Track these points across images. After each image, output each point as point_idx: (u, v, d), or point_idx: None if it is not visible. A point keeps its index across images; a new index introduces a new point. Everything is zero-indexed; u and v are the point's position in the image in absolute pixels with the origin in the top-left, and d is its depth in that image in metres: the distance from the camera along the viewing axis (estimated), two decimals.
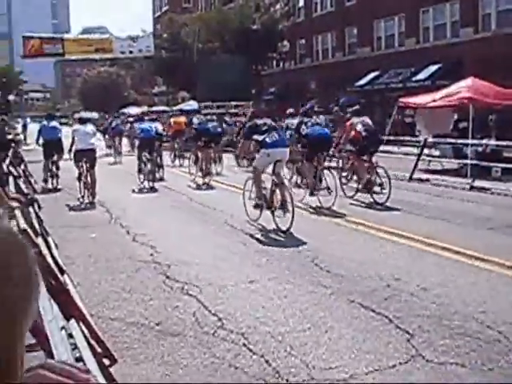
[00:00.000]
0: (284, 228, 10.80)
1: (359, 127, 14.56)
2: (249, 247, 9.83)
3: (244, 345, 5.78)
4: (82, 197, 15.28)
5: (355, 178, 15.17)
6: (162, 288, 7.64)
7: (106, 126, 35.11)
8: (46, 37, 46.70)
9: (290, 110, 20.89)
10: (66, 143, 16.57)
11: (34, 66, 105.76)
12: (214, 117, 25.18)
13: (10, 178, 10.08)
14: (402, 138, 24.02)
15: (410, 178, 18.02)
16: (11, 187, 9.19)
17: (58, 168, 18.30)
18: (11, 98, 70.21)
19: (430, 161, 20.47)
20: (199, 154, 19.47)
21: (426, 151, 19.85)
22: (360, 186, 14.50)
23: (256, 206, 11.61)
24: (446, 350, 5.50)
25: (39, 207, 9.67)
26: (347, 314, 6.56)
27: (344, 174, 16.03)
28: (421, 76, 34.11)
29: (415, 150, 20.29)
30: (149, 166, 18.21)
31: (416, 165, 18.68)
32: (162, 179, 19.77)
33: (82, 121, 17.14)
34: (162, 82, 69.19)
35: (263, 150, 11.61)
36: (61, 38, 45.30)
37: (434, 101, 20.21)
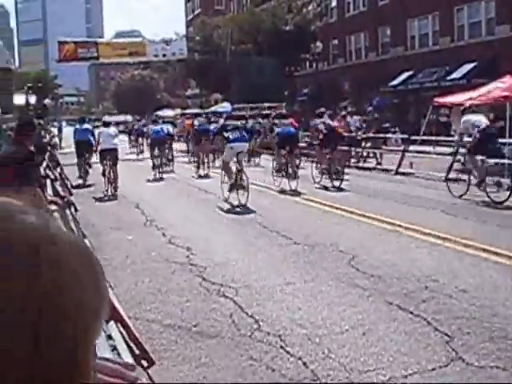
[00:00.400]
0: (243, 202, 14.26)
1: (321, 127, 18.57)
2: (285, 248, 9.80)
3: (281, 347, 5.76)
4: (107, 190, 17.26)
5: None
6: (199, 290, 7.65)
7: (130, 128, 40.21)
8: (81, 41, 47.21)
9: (321, 110, 22.40)
10: None
11: (68, 69, 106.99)
12: (219, 119, 27.49)
13: (48, 181, 10.18)
14: (437, 137, 23.81)
15: (446, 178, 17.80)
16: (49, 190, 9.29)
17: (90, 166, 20.15)
18: (47, 101, 71.09)
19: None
20: (199, 152, 23.23)
21: (461, 151, 19.56)
22: (320, 171, 18.28)
23: (231, 189, 14.81)
24: (486, 353, 5.42)
25: (76, 210, 9.78)
26: (385, 315, 6.50)
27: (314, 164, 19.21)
28: (456, 75, 33.74)
29: (451, 150, 20.02)
30: (158, 160, 22.13)
31: (452, 165, 18.42)
32: (172, 171, 23.62)
33: (106, 124, 20.05)
34: (195, 85, 69.52)
35: (228, 145, 15.25)
36: (95, 42, 45.80)
37: (471, 99, 19.94)
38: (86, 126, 21.01)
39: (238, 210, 13.78)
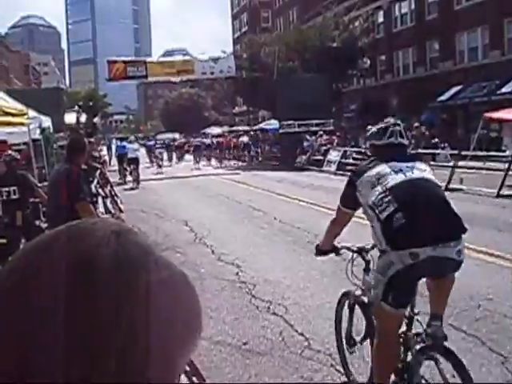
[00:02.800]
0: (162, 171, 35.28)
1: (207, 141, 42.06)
2: (334, 265, 9.72)
3: (332, 365, 5.71)
4: (133, 185, 26.72)
5: None
6: (248, 307, 7.65)
7: (145, 143, 54.10)
8: (130, 60, 47.74)
9: (370, 127, 23.82)
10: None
11: (116, 88, 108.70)
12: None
13: (99, 199, 10.34)
14: (487, 153, 23.46)
15: (498, 195, 17.50)
16: (100, 207, 9.43)
17: (126, 170, 28.82)
18: (96, 120, 72.30)
19: None
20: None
21: None
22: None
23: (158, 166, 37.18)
24: None
25: None
26: None
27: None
28: (506, 89, 33.21)
29: (502, 166, 19.67)
30: (153, 160, 41.52)
31: (504, 180, 18.11)
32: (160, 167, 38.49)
33: (130, 142, 32.11)
34: (242, 102, 69.90)
35: (155, 150, 41.99)
36: (144, 61, 46.16)
37: None
38: (124, 143, 31.89)
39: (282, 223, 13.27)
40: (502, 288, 7.93)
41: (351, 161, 28.48)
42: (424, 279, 4.37)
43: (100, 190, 15.35)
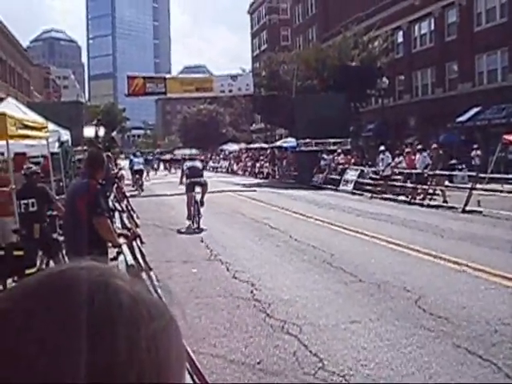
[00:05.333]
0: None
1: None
2: (349, 286, 9.69)
3: None
4: (137, 191, 31.51)
5: None
6: (263, 326, 7.61)
7: (145, 158, 58.43)
8: (149, 76, 47.99)
9: (382, 148, 24.91)
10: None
11: (135, 103, 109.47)
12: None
13: (116, 214, 10.36)
14: (505, 175, 23.31)
15: None
16: (117, 222, 9.44)
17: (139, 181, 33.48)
18: (114, 134, 72.83)
19: None
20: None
21: None
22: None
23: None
24: None
25: (141, 242, 9.89)
26: (452, 359, 6.32)
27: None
28: None
29: None
30: (149, 169, 49.98)
31: None
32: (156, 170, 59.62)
33: (136, 156, 36.73)
34: (260, 120, 70.03)
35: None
36: (163, 77, 46.35)
37: None
38: (131, 157, 37.22)
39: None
40: None
41: (368, 180, 28.42)
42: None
43: (117, 205, 15.45)
